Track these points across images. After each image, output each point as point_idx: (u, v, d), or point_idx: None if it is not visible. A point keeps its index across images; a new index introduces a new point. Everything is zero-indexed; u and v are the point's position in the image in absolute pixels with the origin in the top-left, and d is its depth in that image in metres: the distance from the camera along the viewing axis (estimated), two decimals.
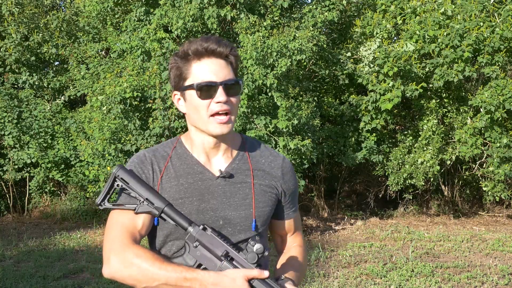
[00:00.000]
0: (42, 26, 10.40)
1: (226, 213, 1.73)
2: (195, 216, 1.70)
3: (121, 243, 1.63)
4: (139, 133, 8.32)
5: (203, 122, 1.71)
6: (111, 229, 1.68)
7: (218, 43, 1.69)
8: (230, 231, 1.73)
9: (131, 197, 1.69)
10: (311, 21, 8.98)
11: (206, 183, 1.74)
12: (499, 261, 7.08)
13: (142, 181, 1.70)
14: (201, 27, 8.59)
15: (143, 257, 1.59)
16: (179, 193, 1.72)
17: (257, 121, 8.09)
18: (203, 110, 1.69)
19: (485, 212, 10.93)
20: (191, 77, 1.70)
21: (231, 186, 1.75)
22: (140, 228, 1.68)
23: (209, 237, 1.64)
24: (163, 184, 1.72)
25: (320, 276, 6.30)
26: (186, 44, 1.72)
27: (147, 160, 1.75)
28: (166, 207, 1.67)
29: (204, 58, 1.69)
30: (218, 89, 1.67)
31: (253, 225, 1.75)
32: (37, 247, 7.77)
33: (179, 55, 1.73)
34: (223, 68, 1.69)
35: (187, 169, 1.75)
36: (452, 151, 9.35)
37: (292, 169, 1.91)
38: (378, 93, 9.01)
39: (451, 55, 8.72)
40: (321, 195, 10.88)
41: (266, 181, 1.81)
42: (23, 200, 10.37)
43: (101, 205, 1.72)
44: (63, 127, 9.80)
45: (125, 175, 1.70)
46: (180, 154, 1.78)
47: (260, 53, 7.84)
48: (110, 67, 8.98)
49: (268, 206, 1.80)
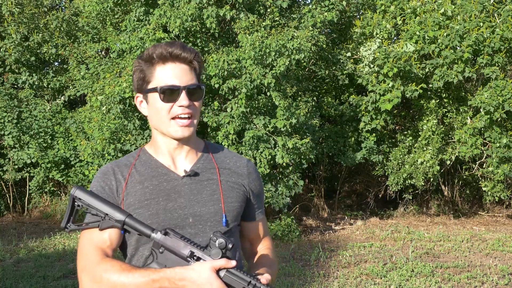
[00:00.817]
0: (42, 26, 10.40)
1: (194, 210, 1.74)
2: (163, 215, 1.71)
3: (90, 261, 1.67)
4: (138, 133, 8.32)
5: (165, 125, 1.74)
6: (82, 249, 1.72)
7: (183, 49, 1.72)
8: (201, 228, 1.74)
9: (92, 215, 1.72)
10: (311, 21, 8.98)
11: (171, 183, 1.76)
12: (499, 261, 7.08)
13: (100, 198, 1.73)
14: (200, 26, 8.59)
15: (110, 270, 1.62)
16: (144, 195, 1.73)
17: (256, 121, 8.09)
18: (165, 112, 1.72)
19: (485, 212, 10.93)
20: (154, 80, 1.73)
21: (197, 184, 1.77)
22: (109, 243, 1.71)
23: (173, 240, 1.65)
24: (128, 190, 1.74)
25: (320, 276, 6.30)
26: (151, 48, 1.74)
27: (110, 171, 1.78)
28: (127, 218, 1.68)
29: (169, 62, 1.72)
30: (181, 93, 1.71)
31: (224, 220, 1.75)
32: (37, 247, 7.77)
33: (144, 58, 1.75)
34: (186, 73, 1.73)
35: (152, 172, 1.78)
36: (452, 151, 9.35)
37: (257, 170, 1.95)
38: (378, 94, 9.01)
39: (451, 56, 8.72)
40: (321, 195, 10.89)
41: (233, 179, 1.84)
42: (23, 200, 10.37)
43: (67, 227, 1.75)
44: (63, 127, 9.80)
45: (82, 194, 1.72)
46: (144, 160, 1.81)
47: (258, 52, 7.85)
48: (110, 67, 8.98)
49: (237, 202, 1.81)
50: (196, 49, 8.70)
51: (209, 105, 8.47)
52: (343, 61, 9.82)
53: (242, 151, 7.97)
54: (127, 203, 1.73)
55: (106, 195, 1.74)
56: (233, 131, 7.89)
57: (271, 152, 8.01)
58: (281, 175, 8.61)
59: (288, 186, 8.39)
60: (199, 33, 8.73)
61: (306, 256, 7.29)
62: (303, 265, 6.87)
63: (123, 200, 1.74)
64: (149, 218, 1.71)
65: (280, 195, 8.25)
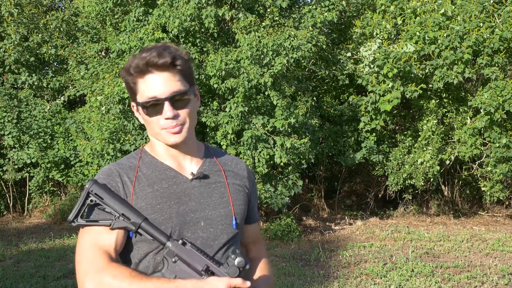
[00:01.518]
0: (42, 27, 10.40)
1: (206, 213, 1.72)
2: (176, 219, 1.67)
3: (96, 265, 1.57)
4: (138, 133, 8.32)
5: (158, 135, 1.71)
6: (84, 249, 1.62)
7: (159, 55, 1.62)
8: (212, 232, 1.71)
9: (105, 213, 1.64)
10: (311, 21, 8.98)
11: (181, 186, 1.72)
12: (499, 261, 7.08)
13: (116, 196, 1.65)
14: (199, 26, 8.59)
15: (119, 277, 1.54)
16: (155, 199, 1.68)
17: (255, 120, 8.10)
18: (154, 125, 1.68)
19: (485, 212, 10.93)
20: (139, 93, 1.68)
21: (206, 187, 1.75)
22: (115, 245, 1.64)
23: (189, 252, 1.61)
24: (137, 193, 1.68)
25: (320, 276, 6.30)
26: (130, 60, 1.68)
27: (114, 172, 1.70)
28: (143, 222, 1.62)
29: (147, 74, 1.64)
30: (164, 105, 1.64)
31: (234, 222, 1.74)
32: (37, 247, 7.77)
33: (125, 70, 1.69)
34: (169, 81, 1.64)
35: (160, 175, 1.73)
36: (452, 151, 9.35)
37: (252, 173, 1.95)
38: (377, 94, 9.01)
39: (451, 57, 8.72)
40: (321, 195, 10.89)
41: (237, 181, 1.83)
42: (23, 200, 10.37)
43: (74, 222, 1.66)
44: (62, 127, 9.80)
45: (99, 190, 1.64)
46: (148, 162, 1.75)
47: (256, 52, 7.85)
48: (110, 67, 8.98)
49: (243, 204, 1.81)
50: (195, 49, 8.65)
51: (208, 105, 8.47)
52: (343, 61, 9.81)
53: (240, 151, 7.97)
54: (138, 207, 1.66)
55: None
56: (231, 131, 7.89)
57: (270, 152, 8.01)
58: (280, 175, 8.61)
59: (288, 186, 8.39)
60: (198, 33, 8.73)
61: (306, 256, 7.29)
62: (303, 265, 6.86)
63: (132, 204, 1.67)
64: (163, 222, 1.66)
65: (279, 195, 8.25)
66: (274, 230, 8.34)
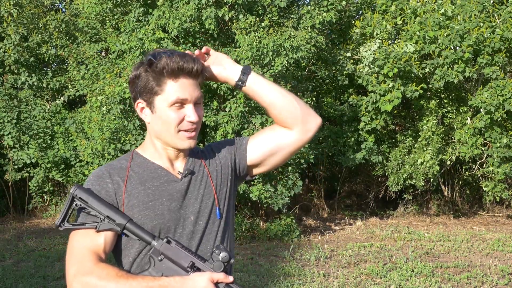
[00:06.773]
0: (41, 27, 10.40)
1: (195, 207, 1.78)
2: (168, 215, 1.73)
3: (84, 266, 1.61)
4: (138, 133, 8.32)
5: (171, 137, 1.77)
6: (73, 252, 1.66)
7: (194, 62, 1.74)
8: (201, 224, 1.77)
9: (91, 216, 1.67)
10: (309, 22, 8.98)
11: (172, 184, 1.78)
12: (499, 261, 7.08)
13: (101, 199, 1.68)
14: (199, 27, 8.59)
15: (106, 278, 1.58)
16: (147, 196, 1.73)
17: (254, 120, 8.10)
18: (173, 126, 1.75)
19: (485, 212, 10.93)
20: (165, 93, 1.74)
21: (194, 182, 1.82)
22: (103, 247, 1.67)
23: (174, 250, 1.65)
24: (129, 191, 1.73)
25: (320, 276, 6.30)
26: (163, 61, 1.72)
27: (105, 173, 1.75)
28: (128, 223, 1.66)
29: (180, 78, 1.73)
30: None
31: (218, 212, 1.81)
32: (37, 247, 7.77)
33: (153, 69, 1.73)
34: (196, 88, 1.76)
35: (151, 174, 1.79)
36: (452, 151, 9.35)
37: (230, 139, 2.00)
38: (378, 94, 9.01)
39: (451, 56, 8.72)
40: (321, 195, 10.89)
41: (217, 161, 1.89)
42: (23, 200, 10.37)
43: (61, 226, 1.69)
44: (62, 127, 9.80)
45: (83, 194, 1.68)
46: (140, 163, 1.81)
47: (256, 53, 7.85)
48: (110, 67, 8.98)
49: (225, 186, 1.87)
50: (195, 49, 8.69)
51: (208, 105, 8.47)
52: (343, 61, 9.81)
53: None
54: (130, 205, 1.71)
55: (102, 198, 1.72)
56: (231, 130, 7.89)
57: None
58: (280, 175, 8.61)
59: (288, 186, 8.39)
60: (198, 34, 8.73)
61: (306, 256, 7.29)
62: (303, 265, 6.86)
63: (124, 202, 1.72)
64: (155, 219, 1.71)
65: (279, 195, 8.25)
66: (274, 230, 8.33)
